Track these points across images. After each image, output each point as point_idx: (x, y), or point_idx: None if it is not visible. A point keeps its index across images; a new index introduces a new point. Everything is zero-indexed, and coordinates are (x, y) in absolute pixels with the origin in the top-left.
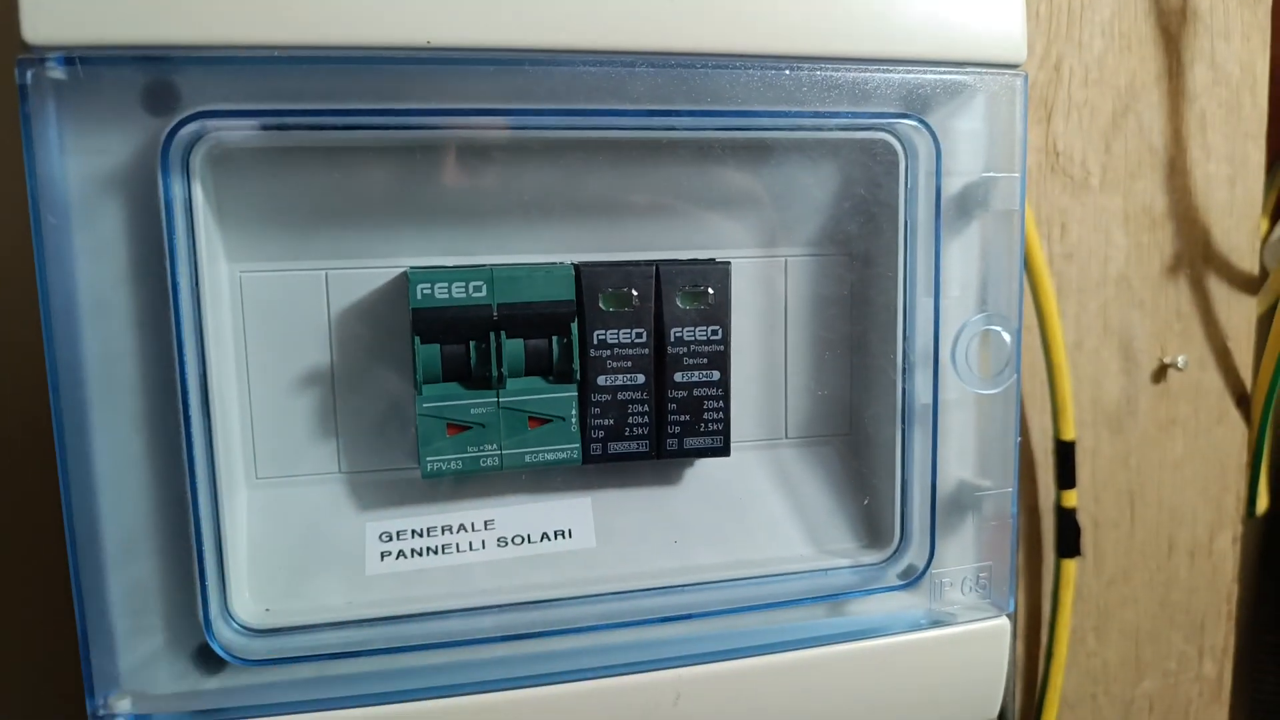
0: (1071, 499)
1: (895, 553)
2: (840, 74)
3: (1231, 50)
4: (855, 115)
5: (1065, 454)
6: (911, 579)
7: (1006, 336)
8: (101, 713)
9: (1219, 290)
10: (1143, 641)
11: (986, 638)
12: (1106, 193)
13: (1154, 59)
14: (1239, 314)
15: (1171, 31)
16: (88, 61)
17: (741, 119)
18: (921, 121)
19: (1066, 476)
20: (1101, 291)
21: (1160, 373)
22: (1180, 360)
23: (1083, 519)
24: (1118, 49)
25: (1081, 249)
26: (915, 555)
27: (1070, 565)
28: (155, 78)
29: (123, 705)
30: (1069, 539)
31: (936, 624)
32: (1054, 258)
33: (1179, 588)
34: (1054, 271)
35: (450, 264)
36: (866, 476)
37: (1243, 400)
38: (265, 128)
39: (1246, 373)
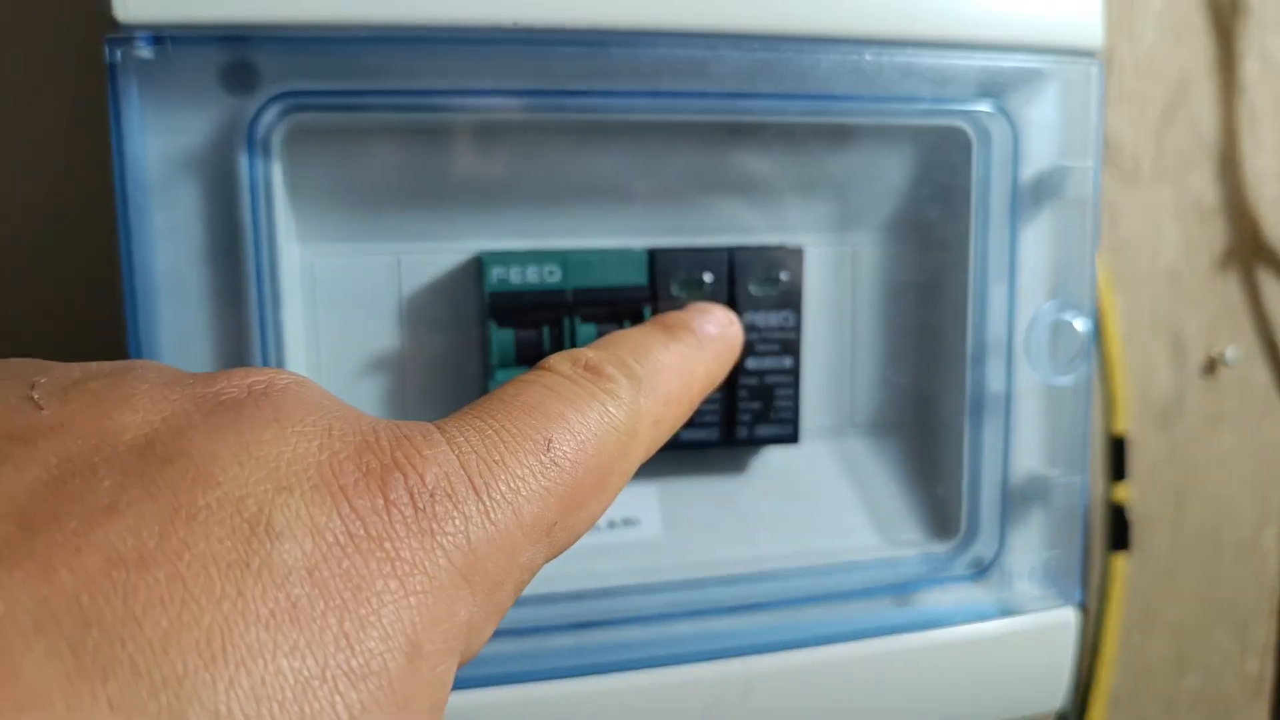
0: (1123, 492)
1: (963, 543)
2: (919, 59)
3: None
4: (934, 100)
5: (1117, 447)
6: (980, 569)
7: (1079, 326)
8: None
9: (1269, 284)
10: (1186, 638)
11: (1054, 628)
12: (1157, 185)
13: (1205, 51)
14: None
15: (1223, 23)
16: (177, 40)
17: (821, 103)
18: (999, 108)
19: (1118, 470)
20: (1151, 285)
21: (1209, 367)
22: (1229, 354)
23: (1129, 514)
24: (1169, 40)
25: (1131, 242)
26: (984, 546)
27: (1120, 560)
28: (237, 57)
29: None
30: (1120, 533)
31: (1005, 614)
32: (1104, 250)
33: (1224, 584)
34: (1104, 264)
35: (522, 248)
36: (934, 466)
37: None
38: (346, 108)
39: None
